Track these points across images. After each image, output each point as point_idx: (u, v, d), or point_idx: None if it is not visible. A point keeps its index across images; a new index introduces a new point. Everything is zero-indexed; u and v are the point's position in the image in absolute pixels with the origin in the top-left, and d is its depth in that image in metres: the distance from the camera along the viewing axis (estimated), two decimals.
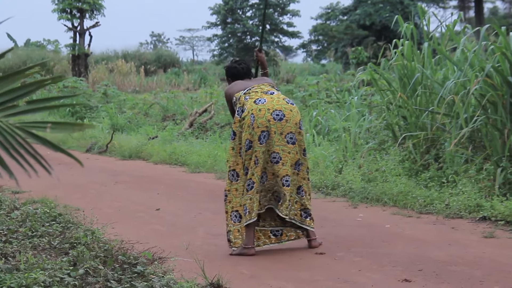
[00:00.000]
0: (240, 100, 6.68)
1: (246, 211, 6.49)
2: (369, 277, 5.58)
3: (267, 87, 6.79)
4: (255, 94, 6.65)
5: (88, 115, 21.32)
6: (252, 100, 6.57)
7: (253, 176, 6.46)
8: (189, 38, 79.82)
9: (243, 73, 7.02)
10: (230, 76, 7.09)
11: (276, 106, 6.49)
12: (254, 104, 6.52)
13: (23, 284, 4.93)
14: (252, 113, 6.47)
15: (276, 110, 6.47)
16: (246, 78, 7.00)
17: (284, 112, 6.49)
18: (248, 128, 6.47)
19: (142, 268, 5.49)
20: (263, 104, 6.50)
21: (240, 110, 6.64)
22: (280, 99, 6.61)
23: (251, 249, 6.50)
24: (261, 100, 6.55)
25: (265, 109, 6.46)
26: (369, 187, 9.19)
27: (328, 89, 19.41)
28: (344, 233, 7.26)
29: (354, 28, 47.96)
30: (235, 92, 6.80)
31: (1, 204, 8.24)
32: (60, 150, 1.92)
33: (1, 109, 1.91)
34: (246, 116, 6.51)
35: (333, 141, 12.56)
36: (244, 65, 7.06)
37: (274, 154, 6.45)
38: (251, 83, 6.86)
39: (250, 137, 6.47)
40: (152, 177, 11.75)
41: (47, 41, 49.13)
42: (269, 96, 6.62)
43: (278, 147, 6.45)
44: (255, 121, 6.44)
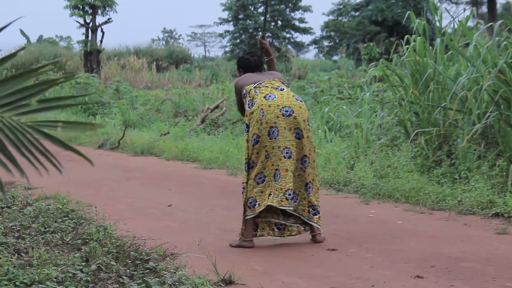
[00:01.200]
0: (250, 94, 6.76)
1: (254, 203, 6.58)
2: (381, 274, 5.57)
3: (278, 82, 6.85)
4: (266, 89, 6.72)
5: (100, 111, 21.36)
6: (263, 95, 6.65)
7: (265, 170, 6.57)
8: (200, 34, 79.95)
9: (255, 65, 7.07)
10: (242, 67, 7.14)
11: (285, 103, 6.58)
12: (264, 99, 6.60)
13: (36, 279, 4.95)
14: (262, 108, 6.56)
15: (286, 107, 6.56)
16: (257, 71, 7.05)
17: (293, 109, 6.58)
18: (257, 123, 6.57)
19: (154, 264, 5.50)
20: (273, 100, 6.58)
21: (250, 104, 6.72)
22: (290, 96, 6.69)
23: (250, 241, 6.62)
24: (271, 95, 6.63)
25: (275, 105, 6.56)
26: (381, 184, 9.17)
27: (340, 85, 19.38)
28: (356, 229, 7.25)
29: (366, 24, 47.84)
30: (246, 84, 6.86)
31: (14, 200, 8.27)
32: (70, 149, 1.93)
33: (13, 107, 1.92)
34: (255, 111, 6.60)
35: (345, 137, 12.54)
36: (256, 58, 7.13)
37: (286, 149, 6.54)
38: (261, 77, 6.91)
39: (258, 132, 6.57)
40: (164, 173, 11.76)
41: (60, 37, 49.26)
42: (279, 92, 6.69)
43: (289, 142, 6.55)
44: (264, 116, 6.53)
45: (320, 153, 11.15)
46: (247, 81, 6.89)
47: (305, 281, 5.41)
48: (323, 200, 8.90)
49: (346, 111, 13.43)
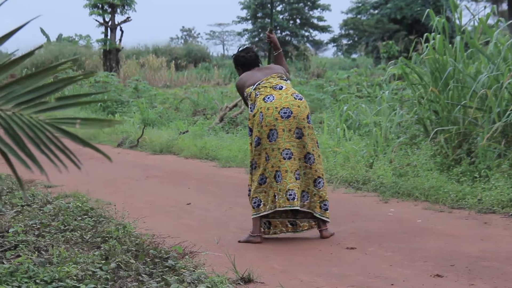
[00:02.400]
0: (251, 97, 6.88)
1: (259, 203, 6.73)
2: (400, 272, 5.55)
3: (276, 79, 6.91)
4: (265, 90, 6.81)
5: (120, 110, 21.43)
6: (262, 97, 6.76)
7: (265, 171, 6.72)
8: (219, 32, 79.94)
9: (251, 62, 7.14)
10: (239, 65, 7.22)
11: (283, 104, 6.68)
12: (263, 102, 6.72)
13: (55, 277, 4.97)
14: (261, 111, 6.71)
15: (284, 108, 6.66)
16: (255, 67, 7.13)
17: (291, 109, 6.68)
18: (257, 126, 6.73)
19: (173, 262, 5.51)
20: (271, 102, 6.69)
21: (252, 107, 6.86)
22: (288, 95, 6.75)
23: (257, 237, 6.75)
24: (270, 97, 6.73)
25: (273, 108, 6.67)
26: (400, 182, 9.13)
27: (359, 83, 19.35)
28: (375, 228, 7.23)
29: (385, 22, 47.71)
30: (245, 86, 6.96)
31: (34, 198, 8.32)
32: (89, 146, 1.93)
33: (32, 105, 1.92)
34: (256, 114, 6.77)
35: (364, 135, 12.51)
36: (252, 53, 7.17)
37: (286, 150, 6.66)
38: (259, 74, 6.98)
39: (259, 134, 6.72)
40: (183, 171, 11.78)
41: (79, 36, 49.43)
42: (278, 92, 6.77)
43: (288, 143, 6.67)
44: (263, 119, 6.67)
45: (338, 152, 11.13)
46: (246, 82, 6.98)
47: (324, 280, 5.40)
48: (342, 198, 8.91)
49: (365, 109, 13.39)
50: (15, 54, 2.08)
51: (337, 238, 6.77)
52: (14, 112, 1.90)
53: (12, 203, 8.00)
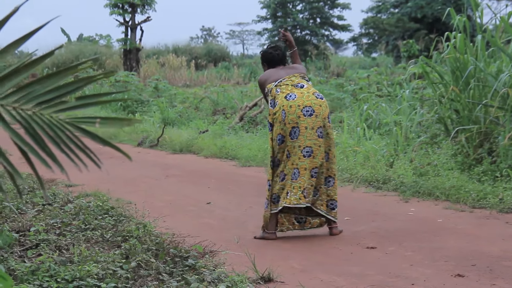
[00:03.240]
0: (271, 93, 6.96)
1: (278, 199, 6.86)
2: (421, 272, 5.52)
3: (298, 78, 7.00)
4: (286, 87, 6.89)
5: (139, 109, 21.49)
6: (283, 95, 6.83)
7: (285, 169, 6.82)
8: (239, 32, 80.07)
9: (278, 60, 7.21)
10: (266, 61, 7.29)
11: (306, 102, 6.76)
12: (285, 100, 6.79)
13: (76, 276, 4.99)
14: (283, 109, 6.78)
15: (306, 107, 6.75)
16: (281, 65, 7.19)
17: (313, 108, 6.77)
18: (280, 123, 6.81)
19: (193, 261, 5.52)
20: (293, 100, 6.76)
21: (272, 102, 6.93)
22: (310, 94, 6.84)
23: (273, 234, 6.87)
24: (292, 95, 6.80)
25: (296, 106, 6.76)
26: (420, 181, 9.09)
27: (379, 82, 19.29)
28: (395, 227, 7.21)
29: (406, 21, 47.52)
30: (267, 82, 7.04)
31: (55, 197, 8.36)
32: (109, 145, 1.94)
33: (52, 104, 1.93)
34: (277, 112, 6.83)
35: (384, 135, 12.47)
36: (279, 52, 7.25)
37: (307, 148, 6.74)
38: (282, 72, 7.05)
39: (282, 132, 6.81)
40: (203, 171, 11.79)
41: (99, 35, 49.65)
42: (299, 90, 6.85)
43: (310, 141, 6.75)
44: (286, 117, 6.75)
45: (359, 151, 11.11)
46: (268, 79, 7.06)
47: (344, 279, 5.38)
48: (362, 197, 8.89)
49: (385, 108, 13.35)
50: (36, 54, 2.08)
51: (357, 238, 6.76)
52: (34, 112, 1.91)
53: (33, 202, 8.04)
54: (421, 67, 11.22)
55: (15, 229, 6.59)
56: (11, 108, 1.92)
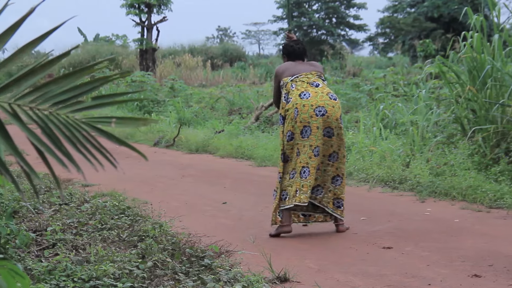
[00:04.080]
0: (286, 87, 7.06)
1: (286, 196, 6.97)
2: (437, 272, 5.50)
3: (314, 76, 7.08)
4: (301, 84, 6.99)
5: (156, 109, 21.54)
6: (298, 93, 6.92)
7: (295, 166, 6.91)
8: (255, 32, 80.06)
9: (299, 53, 7.30)
10: (286, 54, 7.38)
11: (319, 102, 6.86)
12: (299, 98, 6.89)
13: (93, 276, 5.01)
14: (296, 107, 6.88)
15: (319, 106, 6.85)
16: (300, 60, 7.28)
17: (326, 109, 6.86)
18: (291, 121, 6.91)
19: (209, 261, 5.52)
20: (307, 99, 6.86)
21: (286, 97, 7.02)
22: (324, 94, 6.93)
23: (288, 226, 6.95)
24: (306, 94, 6.90)
25: (309, 105, 6.85)
26: (437, 181, 9.06)
27: (395, 82, 19.23)
28: (412, 227, 7.18)
29: (422, 20, 47.32)
30: (284, 75, 7.13)
31: (71, 197, 8.39)
32: (125, 144, 1.94)
33: (68, 104, 1.94)
34: (290, 109, 6.92)
35: (400, 134, 12.43)
36: (300, 46, 7.35)
37: (317, 148, 6.85)
38: (300, 68, 7.14)
39: (292, 129, 6.91)
40: (219, 171, 11.80)
41: (116, 36, 49.74)
42: (314, 89, 6.95)
43: (319, 141, 6.86)
44: (298, 115, 6.84)
45: (375, 151, 11.08)
46: (285, 71, 7.14)
47: (360, 279, 5.37)
48: (378, 198, 8.87)
49: (402, 108, 13.31)
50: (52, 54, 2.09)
51: (374, 238, 6.74)
52: (51, 112, 1.92)
53: (50, 202, 8.08)
54: (437, 67, 11.17)
55: (32, 228, 6.62)
56: (27, 108, 1.92)
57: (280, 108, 7.11)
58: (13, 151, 1.86)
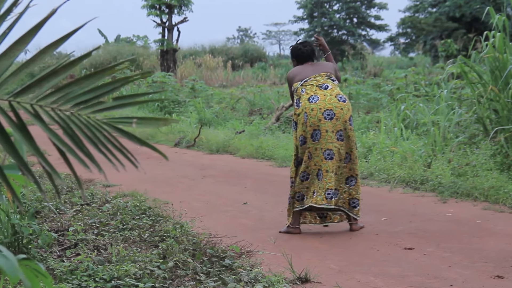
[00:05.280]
0: (297, 92, 7.19)
1: (302, 197, 7.10)
2: (459, 273, 5.47)
3: (323, 78, 7.16)
4: (310, 88, 7.09)
5: (176, 110, 21.59)
6: (307, 97, 7.05)
7: (308, 169, 7.06)
8: (275, 32, 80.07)
9: (307, 55, 7.36)
10: (295, 57, 7.46)
11: (327, 106, 6.97)
12: (307, 102, 7.01)
13: (114, 276, 5.03)
14: (306, 111, 7.01)
15: (327, 110, 6.97)
16: (309, 61, 7.35)
17: (334, 111, 6.96)
18: (302, 125, 7.06)
19: (230, 262, 5.53)
20: (315, 103, 6.97)
21: (297, 102, 7.16)
22: (333, 97, 7.02)
23: (296, 228, 7.11)
24: (315, 98, 7.01)
25: (317, 109, 6.96)
26: (459, 182, 9.01)
27: (417, 82, 19.15)
28: (434, 228, 7.15)
29: (444, 20, 47.09)
30: (294, 80, 7.24)
31: (93, 197, 8.43)
32: (146, 145, 1.94)
33: (90, 105, 1.94)
34: (300, 113, 7.07)
35: (422, 135, 12.38)
36: (308, 47, 7.40)
37: (328, 151, 6.98)
38: (309, 71, 7.22)
39: (304, 133, 7.06)
40: (239, 171, 11.81)
41: (137, 36, 49.93)
42: (323, 92, 7.04)
43: (331, 144, 6.97)
44: (307, 120, 6.98)
45: (396, 151, 11.04)
46: (296, 76, 7.25)
47: (381, 280, 5.35)
48: (400, 198, 8.83)
49: (423, 108, 13.25)
50: (74, 55, 2.10)
51: (395, 238, 6.72)
52: (72, 112, 1.92)
53: (71, 202, 8.12)
54: (459, 67, 11.11)
55: (54, 228, 6.66)
56: (49, 109, 1.93)
57: (293, 114, 7.23)
58: (35, 151, 1.87)
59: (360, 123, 15.09)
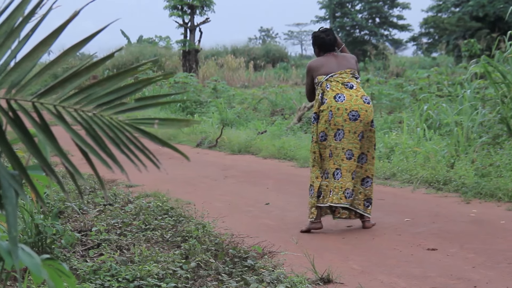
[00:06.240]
0: (321, 86, 7.22)
1: (320, 195, 7.19)
2: (483, 274, 5.43)
3: (348, 76, 7.21)
4: (336, 85, 7.14)
5: (198, 110, 21.62)
6: (333, 94, 7.10)
7: (328, 168, 7.17)
8: (297, 32, 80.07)
9: (329, 44, 7.38)
10: (317, 44, 7.48)
11: (353, 107, 7.05)
12: (333, 101, 7.07)
13: (137, 276, 5.04)
14: (331, 110, 7.07)
15: (353, 111, 7.04)
16: (332, 51, 7.36)
17: (359, 113, 7.06)
18: (325, 123, 7.13)
19: (252, 262, 5.53)
20: (342, 103, 7.04)
21: (321, 96, 7.17)
22: (358, 98, 7.10)
23: (318, 223, 7.19)
24: (341, 97, 7.07)
25: (343, 109, 7.04)
26: (482, 182, 8.95)
27: (439, 82, 19.05)
28: (457, 229, 7.11)
29: (467, 20, 46.79)
30: (318, 73, 7.25)
31: (115, 197, 8.46)
32: (168, 145, 1.94)
33: (112, 106, 1.95)
34: (325, 110, 7.12)
35: (445, 135, 12.32)
36: (331, 36, 7.41)
37: (349, 151, 7.07)
38: (333, 64, 7.24)
39: (325, 130, 7.14)
40: (261, 171, 11.81)
41: (159, 37, 50.08)
42: (348, 92, 7.11)
43: (351, 144, 7.08)
44: (332, 118, 7.05)
45: (419, 152, 11.00)
46: (319, 69, 7.25)
47: (404, 281, 5.33)
48: (423, 199, 8.80)
49: (446, 108, 13.19)
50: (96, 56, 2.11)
51: (418, 239, 6.69)
52: (95, 113, 1.93)
53: (94, 202, 8.16)
54: (482, 67, 11.05)
55: (77, 229, 6.69)
56: (72, 109, 1.94)
57: (315, 107, 7.24)
58: (58, 152, 1.88)
59: (382, 123, 15.05)
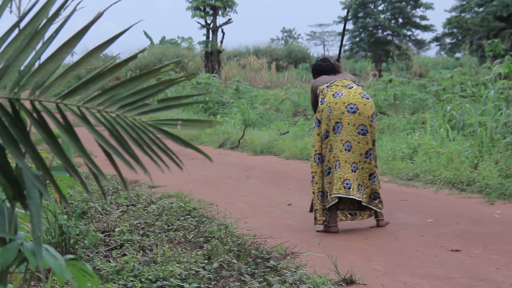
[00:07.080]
0: (323, 92, 7.41)
1: (327, 194, 7.22)
2: (507, 276, 5.40)
3: (348, 81, 7.48)
4: (336, 87, 7.36)
5: (221, 111, 21.65)
6: (332, 93, 7.28)
7: (329, 163, 7.24)
8: (320, 33, 79.97)
9: (328, 70, 7.74)
10: (316, 73, 7.83)
11: (351, 100, 7.20)
12: (332, 97, 7.25)
13: (160, 276, 5.06)
14: (329, 105, 7.24)
15: (351, 104, 7.18)
16: (331, 74, 7.68)
17: (358, 106, 7.18)
18: (326, 119, 7.27)
19: (275, 263, 5.53)
20: (339, 98, 7.21)
21: (322, 101, 7.36)
22: (357, 94, 7.28)
23: (334, 227, 7.20)
24: (339, 93, 7.26)
25: (341, 103, 7.20)
26: (506, 183, 8.90)
27: (463, 83, 18.94)
28: (481, 230, 7.06)
29: (491, 20, 46.49)
30: (320, 85, 7.50)
31: (138, 198, 8.49)
32: (190, 146, 1.95)
33: (135, 107, 1.96)
34: (324, 108, 7.29)
35: (468, 136, 12.25)
36: (328, 63, 7.80)
37: (347, 143, 7.15)
38: (334, 77, 7.54)
39: (327, 127, 7.27)
40: (284, 172, 11.80)
41: (181, 38, 50.17)
42: (347, 90, 7.31)
43: (350, 136, 7.16)
44: (331, 113, 7.21)
45: (442, 152, 10.94)
46: (321, 82, 7.54)
47: (428, 282, 5.30)
48: (446, 200, 8.75)
49: (469, 109, 13.11)
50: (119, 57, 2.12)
51: (441, 240, 6.65)
52: (118, 114, 1.94)
53: (117, 202, 8.19)
54: (506, 67, 10.98)
55: (100, 229, 6.73)
56: (95, 110, 1.95)
57: (317, 112, 7.40)
58: (82, 153, 1.89)
59: (405, 124, 14.99)
